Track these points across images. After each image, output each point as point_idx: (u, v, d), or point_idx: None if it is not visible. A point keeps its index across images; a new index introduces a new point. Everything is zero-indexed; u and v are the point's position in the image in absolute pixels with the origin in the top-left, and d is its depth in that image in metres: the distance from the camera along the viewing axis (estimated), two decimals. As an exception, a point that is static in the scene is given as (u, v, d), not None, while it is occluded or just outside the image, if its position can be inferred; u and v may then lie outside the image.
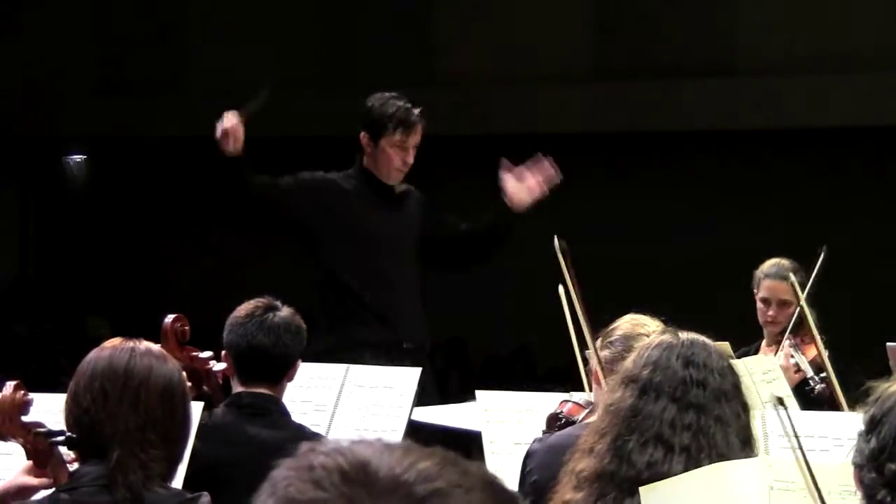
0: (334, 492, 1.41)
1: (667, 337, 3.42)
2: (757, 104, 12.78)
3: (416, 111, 6.18)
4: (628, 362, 3.43)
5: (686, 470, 3.19)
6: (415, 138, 6.16)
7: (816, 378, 5.79)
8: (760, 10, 13.12)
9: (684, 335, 3.41)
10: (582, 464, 3.29)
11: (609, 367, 4.02)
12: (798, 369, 5.91)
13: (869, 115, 12.47)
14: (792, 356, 5.93)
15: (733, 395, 3.33)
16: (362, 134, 6.19)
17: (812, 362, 5.90)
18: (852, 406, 5.34)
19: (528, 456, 4.15)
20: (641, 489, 3.11)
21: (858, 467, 2.81)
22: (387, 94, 6.28)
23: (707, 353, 3.35)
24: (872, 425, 2.80)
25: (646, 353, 3.37)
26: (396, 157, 6.13)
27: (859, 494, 2.82)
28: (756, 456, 3.33)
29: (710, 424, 3.26)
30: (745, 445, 3.29)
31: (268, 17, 14.83)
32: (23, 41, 15.61)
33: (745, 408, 3.35)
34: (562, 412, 4.50)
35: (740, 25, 13.17)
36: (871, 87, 12.47)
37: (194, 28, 15.22)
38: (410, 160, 6.16)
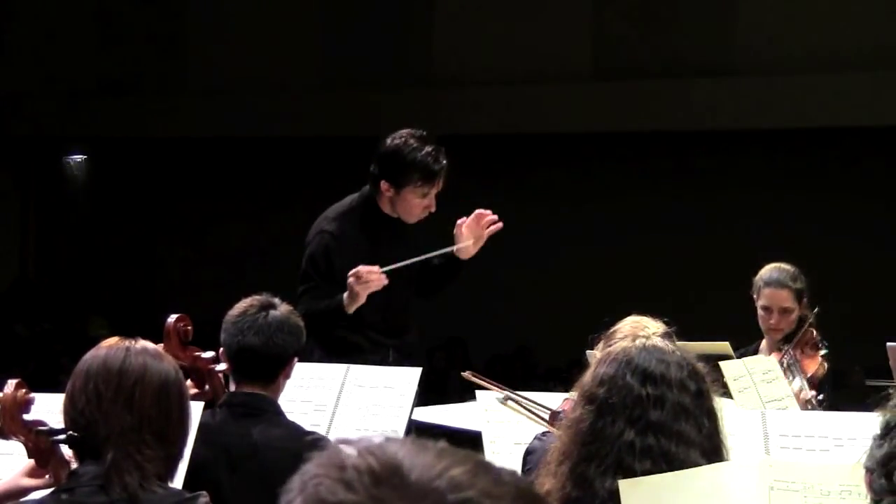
0: (364, 494, 1.39)
1: (624, 347, 3.30)
2: (757, 104, 12.79)
3: (442, 157, 5.86)
4: (587, 376, 3.30)
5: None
6: (439, 185, 5.90)
7: (814, 402, 5.70)
8: (760, 10, 13.12)
9: (641, 342, 3.30)
10: (547, 485, 3.22)
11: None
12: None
13: (869, 115, 12.48)
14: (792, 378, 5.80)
15: (695, 407, 3.20)
16: (382, 182, 5.88)
17: (811, 378, 5.83)
18: None
19: (528, 453, 4.14)
20: (621, 483, 3.03)
21: (869, 471, 2.81)
22: (408, 135, 5.89)
23: (665, 364, 3.22)
24: (886, 430, 2.79)
25: (602, 369, 3.24)
26: (418, 206, 5.90)
27: (867, 496, 2.83)
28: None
29: (670, 446, 3.16)
30: (710, 459, 3.19)
31: (268, 18, 14.84)
32: (23, 40, 15.62)
33: (711, 415, 3.23)
34: (563, 411, 4.51)
35: (740, 25, 13.17)
36: (870, 87, 12.48)
37: (194, 28, 15.22)
38: (433, 208, 5.92)
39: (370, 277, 5.72)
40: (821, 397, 5.66)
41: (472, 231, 5.99)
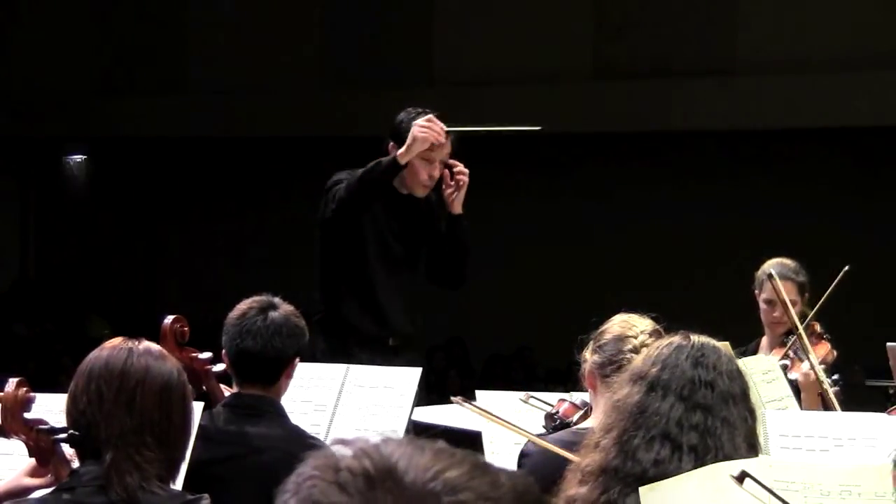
0: (358, 497, 1.38)
1: (678, 338, 3.42)
2: (757, 104, 12.79)
3: (445, 130, 6.20)
4: (637, 360, 3.44)
5: (694, 469, 3.18)
6: (441, 153, 6.18)
7: (829, 381, 5.68)
8: (760, 10, 13.12)
9: (695, 337, 3.41)
10: (587, 459, 3.30)
11: (601, 371, 4.01)
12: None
13: (868, 116, 12.48)
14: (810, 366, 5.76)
15: (741, 399, 3.32)
16: (391, 145, 6.16)
17: (823, 362, 5.82)
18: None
19: (523, 455, 4.14)
20: (641, 489, 3.10)
21: None
22: (418, 109, 6.26)
23: (717, 355, 3.35)
24: None
25: (655, 353, 3.38)
26: (423, 171, 6.14)
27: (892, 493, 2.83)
28: None
29: (716, 426, 3.25)
30: (751, 449, 3.28)
31: (267, 17, 14.84)
32: (23, 41, 15.62)
33: (752, 413, 3.35)
34: (557, 412, 4.51)
35: (740, 25, 13.17)
36: (871, 87, 12.47)
37: (194, 28, 15.22)
38: (437, 174, 6.18)
39: (433, 126, 6.00)
40: (836, 377, 5.65)
41: (455, 191, 6.27)
